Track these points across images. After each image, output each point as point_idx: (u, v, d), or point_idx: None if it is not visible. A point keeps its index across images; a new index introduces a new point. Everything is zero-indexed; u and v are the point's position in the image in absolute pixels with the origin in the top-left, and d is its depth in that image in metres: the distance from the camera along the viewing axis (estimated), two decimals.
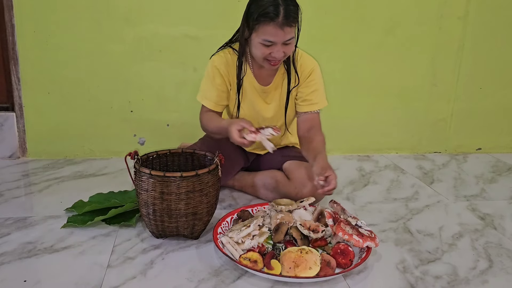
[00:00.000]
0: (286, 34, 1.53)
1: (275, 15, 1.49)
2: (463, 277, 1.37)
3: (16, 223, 1.60)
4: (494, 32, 2.54)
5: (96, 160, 2.32)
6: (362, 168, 2.37)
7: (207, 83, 1.75)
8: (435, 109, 2.62)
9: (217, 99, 1.74)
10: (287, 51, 1.59)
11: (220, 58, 1.73)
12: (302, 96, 1.78)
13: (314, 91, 1.77)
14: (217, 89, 1.73)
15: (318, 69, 1.78)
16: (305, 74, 1.76)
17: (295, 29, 1.56)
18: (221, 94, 1.75)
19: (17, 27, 2.14)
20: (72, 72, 2.23)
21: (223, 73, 1.72)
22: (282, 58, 1.60)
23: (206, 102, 1.75)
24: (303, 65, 1.75)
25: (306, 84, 1.76)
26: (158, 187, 1.38)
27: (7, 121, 2.23)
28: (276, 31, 1.52)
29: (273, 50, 1.57)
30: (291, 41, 1.57)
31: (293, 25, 1.53)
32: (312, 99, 1.77)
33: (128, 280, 1.29)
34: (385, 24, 2.43)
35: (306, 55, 1.78)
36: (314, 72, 1.76)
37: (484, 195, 2.06)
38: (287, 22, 1.50)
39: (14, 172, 2.10)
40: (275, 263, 1.32)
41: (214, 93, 1.73)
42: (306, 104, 1.78)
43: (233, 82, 1.75)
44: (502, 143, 2.75)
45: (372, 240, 1.40)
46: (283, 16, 1.49)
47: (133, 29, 2.22)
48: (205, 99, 1.75)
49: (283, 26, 1.51)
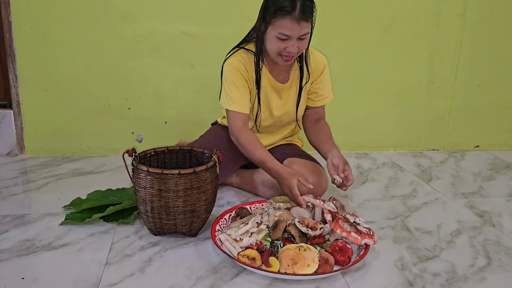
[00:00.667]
0: (302, 28, 1.54)
1: (292, 9, 1.51)
2: (461, 275, 1.37)
3: (14, 221, 1.60)
4: (492, 30, 2.54)
5: (94, 157, 2.31)
6: (360, 165, 2.37)
7: (230, 87, 1.70)
8: (433, 106, 2.62)
9: (244, 101, 1.71)
10: (301, 46, 1.60)
11: (237, 60, 1.71)
12: (316, 91, 1.83)
13: (325, 86, 1.84)
14: (242, 90, 1.71)
15: (328, 65, 1.84)
16: (319, 70, 1.81)
17: (310, 24, 1.57)
18: (247, 96, 1.72)
19: (14, 24, 2.13)
20: (69, 70, 2.23)
21: (244, 74, 1.71)
22: (296, 53, 1.61)
23: (235, 106, 1.70)
24: (316, 62, 1.79)
25: (320, 80, 1.82)
26: (156, 184, 1.38)
27: (4, 119, 2.23)
28: (292, 25, 1.53)
29: (288, 44, 1.58)
30: (306, 37, 1.59)
31: (309, 20, 1.55)
32: (323, 94, 1.84)
33: (126, 277, 1.29)
34: (383, 21, 2.43)
35: (316, 52, 1.81)
36: (326, 69, 1.83)
37: (482, 192, 2.06)
38: (303, 17, 1.52)
39: (12, 170, 2.10)
40: (273, 261, 1.32)
41: (241, 95, 1.70)
42: (319, 99, 1.85)
43: (253, 81, 1.74)
44: (500, 141, 2.76)
45: (370, 238, 1.40)
46: (300, 10, 1.51)
47: (130, 26, 2.22)
48: (233, 103, 1.70)
49: (300, 20, 1.52)
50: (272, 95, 1.79)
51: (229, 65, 1.71)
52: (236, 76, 1.70)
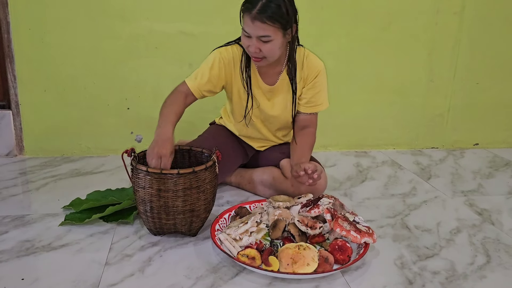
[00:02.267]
0: (256, 28, 1.51)
1: (252, 7, 1.50)
2: (461, 273, 1.38)
3: (13, 221, 1.60)
4: (490, 27, 2.54)
5: (93, 157, 2.31)
6: (359, 164, 2.37)
7: (204, 69, 1.69)
8: (432, 104, 2.62)
9: (203, 87, 1.69)
10: (264, 49, 1.55)
11: (227, 51, 1.70)
12: (306, 97, 1.77)
13: (317, 93, 1.77)
14: (211, 79, 1.69)
15: (324, 70, 1.77)
16: (312, 76, 1.74)
17: (273, 29, 1.52)
18: (209, 85, 1.69)
19: (12, 25, 2.13)
20: (68, 70, 2.22)
21: (226, 69, 1.70)
22: (258, 55, 1.58)
23: (191, 83, 1.68)
24: (309, 67, 1.74)
25: (311, 86, 1.75)
26: (155, 184, 1.38)
27: (3, 119, 2.22)
28: (248, 22, 1.52)
29: (250, 43, 1.56)
30: (268, 40, 1.53)
31: (266, 22, 1.49)
32: (315, 101, 1.78)
33: (126, 277, 1.29)
34: (381, 19, 2.42)
35: (313, 56, 1.76)
36: (320, 74, 1.75)
37: (481, 190, 2.06)
38: (259, 17, 1.49)
39: (11, 170, 2.09)
40: (273, 260, 1.32)
41: (206, 81, 1.68)
42: (309, 106, 1.78)
43: (235, 79, 1.73)
44: (499, 138, 2.76)
45: (369, 236, 1.40)
46: (258, 9, 1.48)
47: (128, 26, 2.21)
48: (193, 80, 1.68)
49: (254, 19, 1.50)
50: (260, 96, 1.77)
51: (217, 52, 1.71)
52: (216, 63, 1.69)
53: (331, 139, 2.55)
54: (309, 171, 1.59)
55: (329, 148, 2.57)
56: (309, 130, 1.81)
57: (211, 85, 1.70)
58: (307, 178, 1.60)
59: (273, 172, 1.83)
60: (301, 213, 1.55)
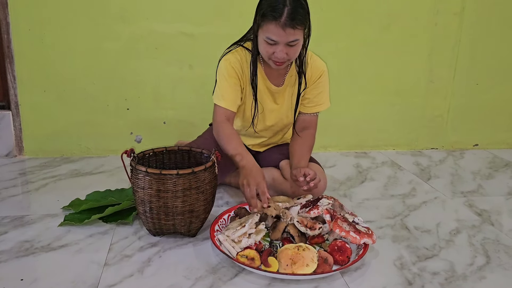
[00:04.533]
0: (288, 35, 1.51)
1: (279, 15, 1.48)
2: (460, 273, 1.38)
3: (13, 222, 1.60)
4: (490, 28, 2.54)
5: (93, 158, 2.31)
6: (359, 164, 2.37)
7: (223, 82, 1.69)
8: (432, 105, 2.62)
9: (234, 98, 1.70)
10: (290, 53, 1.57)
11: (235, 57, 1.70)
12: (309, 97, 1.78)
13: (320, 93, 1.78)
14: (234, 88, 1.69)
15: (327, 71, 1.79)
16: (315, 77, 1.76)
17: (300, 32, 1.53)
18: (237, 94, 1.71)
19: (12, 25, 2.13)
20: (67, 70, 2.22)
21: (238, 72, 1.70)
22: (285, 59, 1.58)
23: (224, 103, 1.68)
24: (313, 68, 1.75)
25: (315, 86, 1.77)
26: (155, 185, 1.38)
27: (3, 120, 2.22)
28: (277, 31, 1.51)
29: (276, 49, 1.55)
30: (296, 44, 1.55)
31: (297, 27, 1.50)
32: (317, 101, 1.79)
33: (125, 278, 1.29)
34: (381, 20, 2.42)
35: (316, 58, 1.77)
36: (323, 75, 1.77)
37: (481, 191, 2.06)
38: (290, 23, 1.48)
39: (10, 171, 2.09)
40: (272, 260, 1.32)
41: (231, 93, 1.69)
42: (311, 105, 1.80)
43: (247, 81, 1.73)
44: (499, 139, 2.76)
45: (369, 237, 1.40)
46: (286, 16, 1.48)
47: (128, 26, 2.21)
48: (222, 100, 1.68)
49: (285, 26, 1.49)
50: (266, 97, 1.77)
51: (226, 61, 1.70)
52: (230, 73, 1.69)
53: (331, 140, 2.55)
54: (307, 178, 1.61)
55: (329, 148, 2.57)
56: (309, 132, 1.81)
57: (238, 94, 1.71)
58: (305, 183, 1.61)
59: (273, 173, 1.82)
60: (301, 214, 1.55)
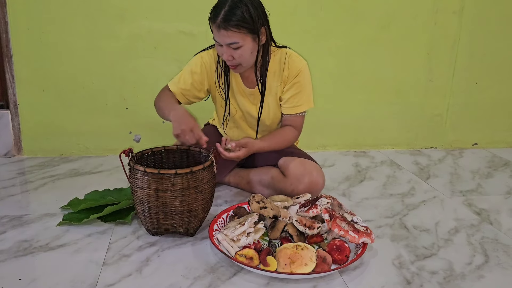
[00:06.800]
0: (223, 36, 1.52)
1: (215, 16, 1.52)
2: (459, 272, 1.38)
3: (11, 221, 1.59)
4: (489, 27, 2.54)
5: (91, 157, 2.31)
6: (358, 164, 2.37)
7: (186, 74, 1.72)
8: (431, 104, 2.62)
9: (185, 92, 1.72)
10: (236, 56, 1.56)
11: (208, 55, 1.73)
12: (285, 97, 1.74)
13: (298, 93, 1.73)
14: (193, 83, 1.72)
15: (306, 70, 1.72)
16: (292, 76, 1.71)
17: (239, 34, 1.52)
18: (192, 90, 1.73)
19: (11, 24, 2.12)
20: (66, 69, 2.22)
21: (207, 71, 1.72)
22: (234, 62, 1.59)
23: (174, 87, 1.72)
24: (290, 66, 1.71)
25: (291, 86, 1.72)
26: (153, 184, 1.38)
27: (2, 119, 2.22)
28: (215, 32, 1.54)
29: (222, 51, 1.57)
30: (237, 46, 1.54)
31: (231, 29, 1.50)
32: (296, 102, 1.74)
33: (123, 277, 1.29)
34: (380, 19, 2.42)
35: (295, 56, 1.73)
36: (300, 73, 1.71)
37: (480, 190, 2.06)
38: (223, 25, 1.50)
39: (9, 170, 2.09)
40: (271, 260, 1.32)
41: (188, 85, 1.71)
42: (288, 106, 1.75)
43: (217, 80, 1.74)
44: (498, 138, 2.76)
45: (368, 236, 1.40)
46: (221, 18, 1.50)
47: (127, 25, 2.21)
48: (175, 84, 1.72)
49: (219, 28, 1.52)
50: (243, 99, 1.77)
51: (199, 57, 1.73)
52: (197, 68, 1.71)
53: (330, 139, 2.55)
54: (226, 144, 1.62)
55: (328, 147, 2.57)
56: (289, 127, 1.78)
57: (195, 90, 1.73)
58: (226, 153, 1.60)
59: (272, 172, 1.82)
60: (299, 213, 1.55)
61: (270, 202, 1.55)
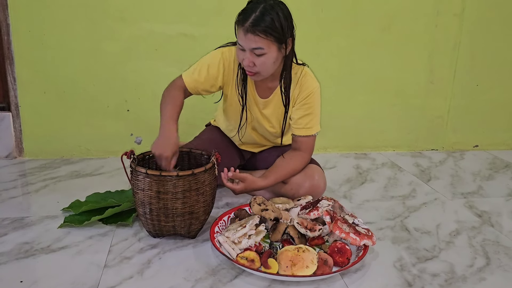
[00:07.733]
0: (249, 41, 1.49)
1: (244, 20, 1.49)
2: (460, 275, 1.37)
3: (12, 223, 1.59)
4: (490, 29, 2.54)
5: (92, 159, 2.31)
6: (359, 166, 2.37)
7: (203, 66, 1.67)
8: (432, 106, 2.62)
9: (198, 85, 1.67)
10: (257, 62, 1.53)
11: (230, 54, 1.68)
12: (294, 117, 1.72)
13: (307, 115, 1.71)
14: (208, 78, 1.67)
15: (317, 92, 1.70)
16: (303, 96, 1.69)
17: (266, 41, 1.49)
18: (207, 84, 1.68)
19: (12, 27, 2.13)
20: (67, 71, 2.22)
21: (225, 67, 1.67)
22: (253, 69, 1.55)
23: (189, 79, 1.66)
24: (302, 86, 1.69)
25: (300, 106, 1.70)
26: (155, 186, 1.38)
27: (3, 121, 2.22)
28: (242, 35, 1.51)
29: (244, 56, 1.54)
30: (260, 53, 1.51)
31: (258, 34, 1.48)
32: (305, 124, 1.72)
33: (125, 280, 1.29)
34: (381, 21, 2.43)
35: (310, 76, 1.70)
36: (312, 95, 1.69)
37: (481, 192, 2.06)
38: (251, 29, 1.47)
39: (10, 172, 2.09)
40: (272, 262, 1.32)
41: (202, 79, 1.66)
42: (297, 127, 1.73)
43: (231, 81, 1.71)
44: (499, 140, 2.76)
45: (369, 238, 1.40)
46: (250, 22, 1.47)
47: (128, 27, 2.21)
48: (189, 76, 1.67)
49: (247, 32, 1.48)
50: (254, 106, 1.75)
51: (219, 52, 1.68)
52: (215, 64, 1.67)
53: (331, 141, 2.55)
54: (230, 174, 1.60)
55: (329, 149, 2.57)
56: (298, 154, 1.75)
57: (208, 84, 1.68)
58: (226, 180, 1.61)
59: None
60: (301, 215, 1.55)
61: (271, 204, 1.55)
